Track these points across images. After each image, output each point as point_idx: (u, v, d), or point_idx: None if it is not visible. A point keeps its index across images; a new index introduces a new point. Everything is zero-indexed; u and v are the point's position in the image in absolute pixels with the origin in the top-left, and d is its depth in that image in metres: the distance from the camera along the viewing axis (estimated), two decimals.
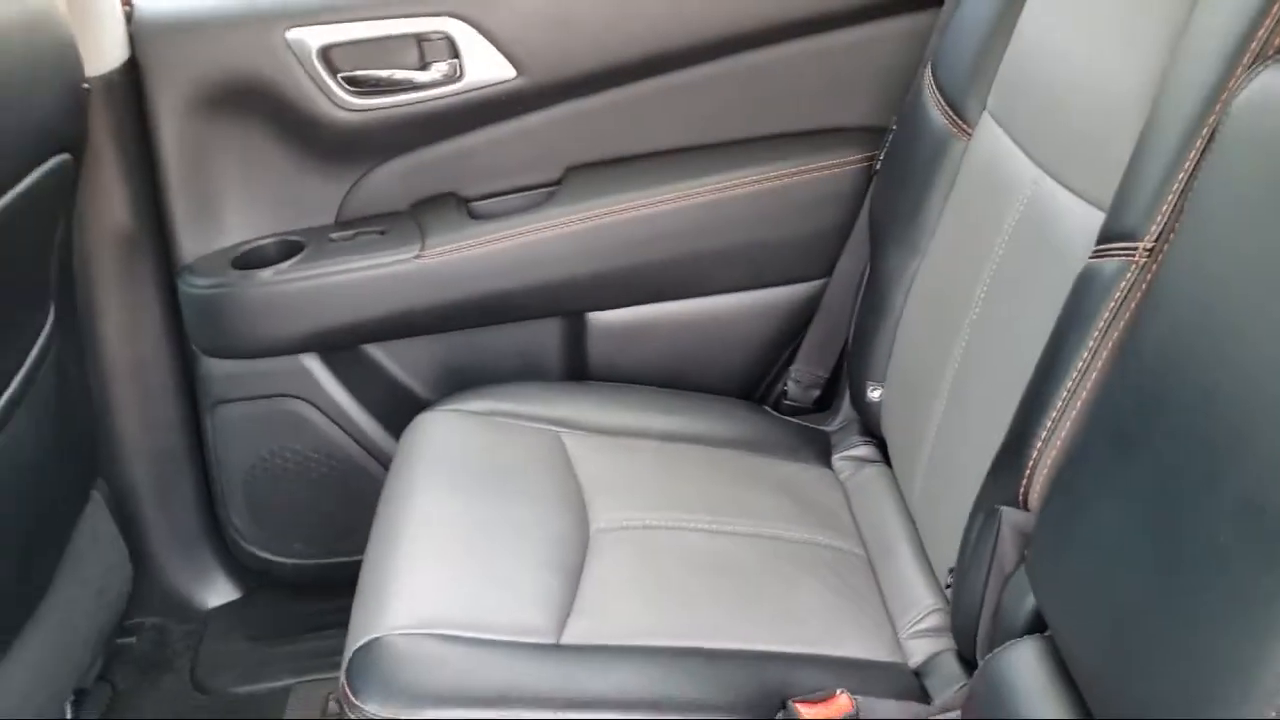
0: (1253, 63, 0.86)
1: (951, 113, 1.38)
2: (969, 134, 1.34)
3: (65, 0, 1.37)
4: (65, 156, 1.30)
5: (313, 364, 1.73)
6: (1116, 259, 0.94)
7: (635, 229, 1.66)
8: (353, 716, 1.07)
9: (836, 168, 1.63)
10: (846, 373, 1.58)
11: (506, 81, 1.61)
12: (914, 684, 1.16)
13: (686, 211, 1.65)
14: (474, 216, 1.68)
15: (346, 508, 1.76)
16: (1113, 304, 0.93)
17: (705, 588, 1.23)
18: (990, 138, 1.29)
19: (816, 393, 1.76)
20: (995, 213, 1.21)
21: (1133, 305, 0.91)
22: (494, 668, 1.10)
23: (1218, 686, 0.68)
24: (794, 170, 1.64)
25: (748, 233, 1.67)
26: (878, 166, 1.58)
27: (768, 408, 1.69)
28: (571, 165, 1.69)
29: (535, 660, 1.12)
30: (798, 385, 1.75)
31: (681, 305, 1.73)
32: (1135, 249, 0.92)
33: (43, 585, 1.45)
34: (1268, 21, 0.86)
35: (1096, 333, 0.94)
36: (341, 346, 1.72)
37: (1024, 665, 0.94)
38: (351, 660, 1.12)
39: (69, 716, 1.64)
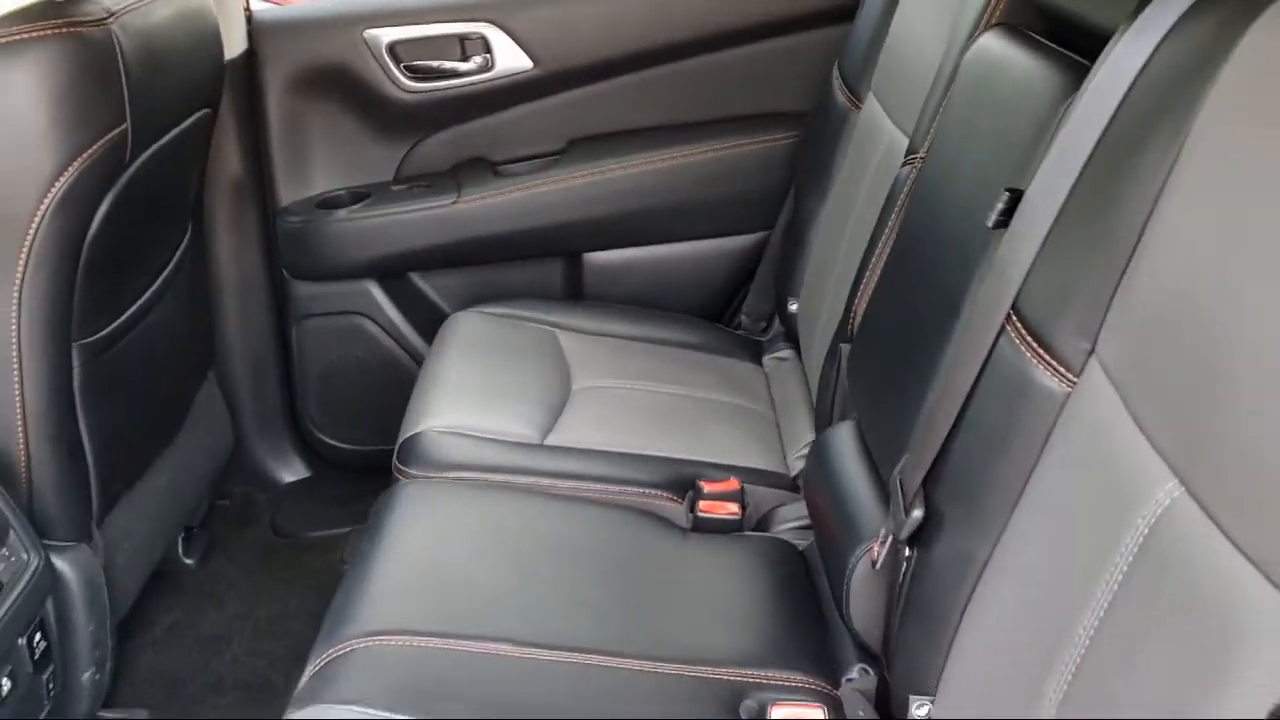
0: (973, 30, 1.36)
1: (849, 92, 1.88)
2: (859, 107, 1.84)
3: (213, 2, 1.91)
4: (208, 110, 1.84)
5: (372, 288, 2.25)
6: (909, 166, 1.44)
7: (620, 186, 2.17)
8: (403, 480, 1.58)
9: (771, 141, 2.14)
10: (774, 291, 2.07)
11: (526, 72, 2.14)
12: (790, 484, 1.64)
13: (658, 173, 2.16)
14: (498, 175, 2.20)
15: (396, 404, 2.27)
16: (904, 191, 1.42)
17: (646, 422, 1.72)
18: (871, 108, 1.79)
19: (764, 324, 2.23)
20: (870, 162, 1.71)
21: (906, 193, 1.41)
22: (497, 451, 1.61)
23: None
24: (739, 143, 2.15)
25: (705, 191, 2.17)
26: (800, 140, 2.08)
27: (718, 325, 2.18)
28: (573, 138, 2.21)
29: (523, 451, 1.62)
30: (749, 318, 2.24)
31: (657, 249, 2.24)
32: (915, 158, 1.42)
33: (172, 430, 1.96)
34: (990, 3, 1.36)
35: (893, 217, 1.44)
36: (394, 273, 2.24)
37: (840, 436, 1.42)
38: (401, 446, 1.63)
39: (179, 550, 2.16)
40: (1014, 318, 1.01)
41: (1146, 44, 0.92)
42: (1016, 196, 1.03)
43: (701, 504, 1.53)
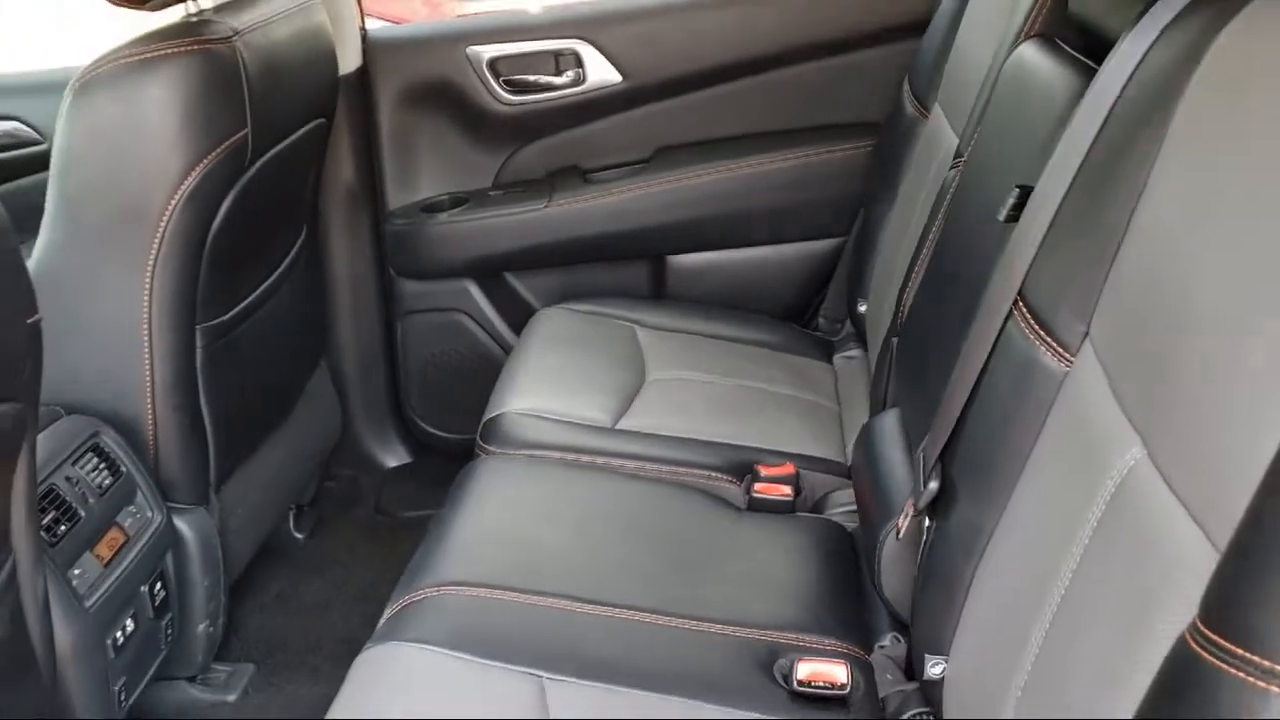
0: (1016, 40, 1.44)
1: (917, 103, 1.96)
2: (926, 116, 1.93)
3: (330, 22, 2.09)
4: (322, 120, 2.02)
5: (471, 286, 2.42)
6: (955, 169, 1.53)
7: (702, 192, 2.29)
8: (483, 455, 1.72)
9: (846, 150, 2.23)
10: (846, 293, 2.15)
11: (615, 85, 2.27)
12: (846, 471, 1.73)
13: (738, 180, 2.27)
14: (588, 181, 2.34)
15: (489, 395, 2.43)
16: (950, 192, 1.51)
17: (712, 411, 1.84)
18: (936, 116, 1.87)
19: (839, 325, 2.32)
20: (931, 168, 1.79)
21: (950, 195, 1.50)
22: (570, 433, 1.74)
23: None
24: (815, 152, 2.25)
25: (783, 197, 2.28)
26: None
27: (794, 325, 2.28)
28: (659, 146, 2.34)
29: (594, 434, 1.75)
30: (825, 320, 2.33)
31: (737, 253, 2.35)
32: (959, 161, 1.51)
33: (285, 412, 2.14)
34: (1032, 12, 1.44)
35: (939, 218, 1.52)
36: (490, 273, 2.40)
37: (884, 422, 1.51)
38: (484, 426, 1.77)
39: (290, 525, 2.35)
40: (1020, 304, 1.10)
41: (1138, 49, 1.00)
42: (1026, 192, 1.12)
43: (757, 486, 1.64)
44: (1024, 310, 1.09)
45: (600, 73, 2.27)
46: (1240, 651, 0.61)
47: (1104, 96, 1.03)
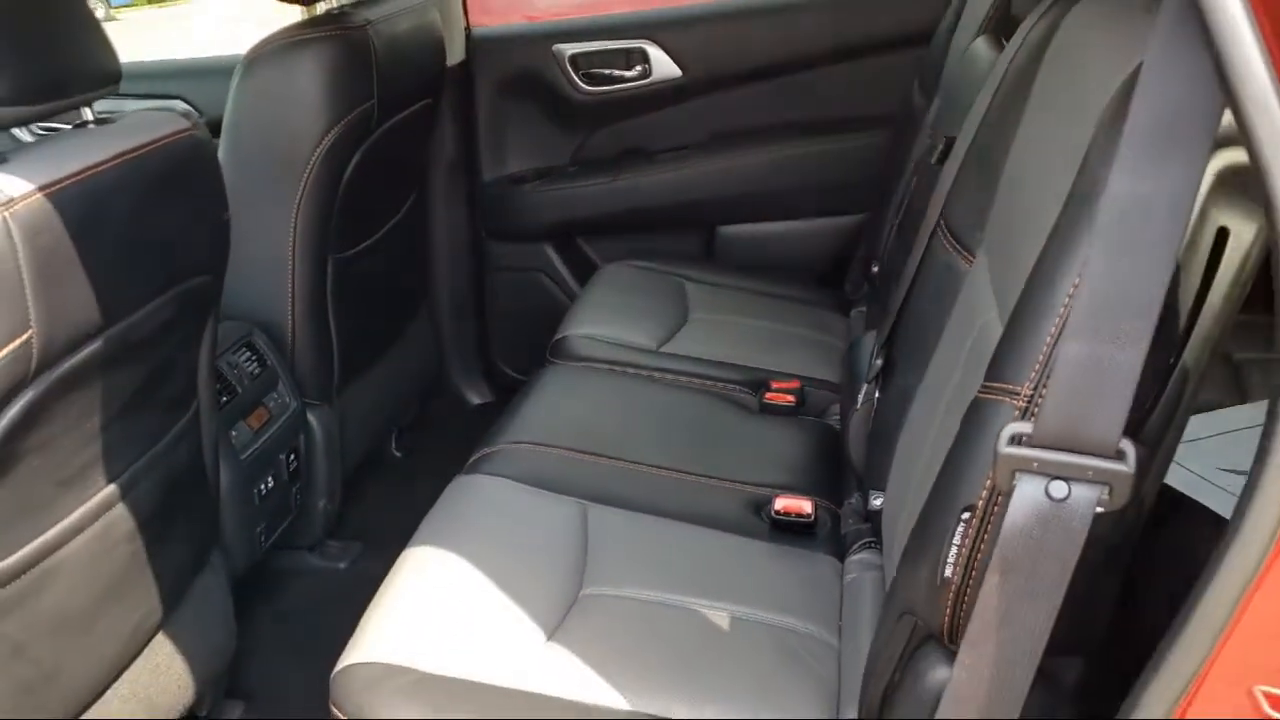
0: (974, 39, 1.81)
1: (925, 97, 2.34)
2: (930, 105, 2.30)
3: (440, 21, 2.54)
4: (430, 100, 2.47)
5: (548, 248, 2.84)
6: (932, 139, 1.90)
7: (749, 172, 2.69)
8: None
9: (868, 138, 2.61)
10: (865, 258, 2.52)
11: (676, 78, 2.69)
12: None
13: (779, 162, 2.67)
14: (651, 161, 2.76)
15: None
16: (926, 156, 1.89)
17: (738, 342, 2.21)
18: (935, 106, 2.24)
19: (863, 289, 2.69)
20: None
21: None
22: (620, 351, 2.14)
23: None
24: (846, 138, 2.63)
25: (817, 177, 2.66)
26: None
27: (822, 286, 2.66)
28: (712, 132, 2.74)
29: (641, 354, 2.15)
30: (851, 285, 2.71)
31: (777, 224, 2.74)
32: (935, 132, 1.88)
33: (391, 342, 2.58)
34: (987, 15, 1.80)
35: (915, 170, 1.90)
36: (565, 237, 2.82)
37: (865, 340, 1.88)
38: (552, 345, 2.19)
39: (392, 445, 2.79)
40: (942, 224, 1.48)
41: (1022, 35, 1.38)
42: (951, 141, 1.50)
43: (767, 394, 2.02)
44: (944, 229, 1.47)
45: (663, 68, 2.69)
46: (989, 384, 0.99)
47: (1000, 69, 1.41)
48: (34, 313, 1.16)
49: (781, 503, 1.64)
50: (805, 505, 1.63)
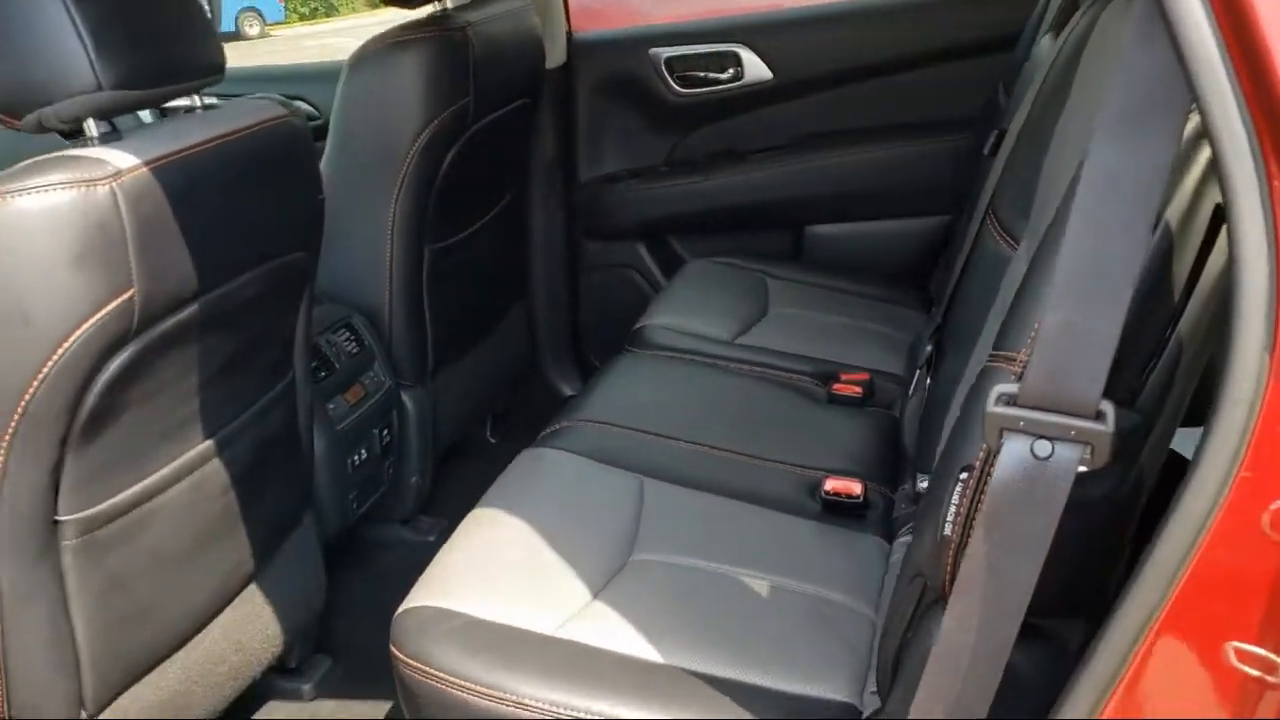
0: (1039, 38, 1.83)
1: (1009, 101, 2.35)
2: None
3: (540, 25, 2.66)
4: (528, 101, 2.59)
5: (640, 247, 2.94)
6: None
7: (837, 173, 2.74)
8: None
9: (953, 140, 2.63)
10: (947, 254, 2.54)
11: (767, 81, 2.75)
12: None
13: (866, 163, 2.71)
14: (741, 161, 2.83)
15: None
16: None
17: (812, 336, 2.27)
18: None
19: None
20: None
21: None
22: (694, 341, 2.22)
23: None
24: (932, 140, 2.66)
25: (904, 178, 2.70)
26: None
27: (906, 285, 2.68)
28: (802, 133, 2.80)
29: (714, 344, 2.22)
30: (935, 284, 2.73)
31: (865, 225, 2.78)
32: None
33: (485, 332, 2.70)
34: (1050, 13, 1.83)
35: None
36: (657, 235, 2.91)
37: (926, 333, 1.92)
38: (631, 334, 2.28)
39: (486, 430, 2.92)
40: (991, 213, 1.52)
41: (1070, 27, 1.42)
42: (1001, 134, 1.54)
43: (835, 385, 2.07)
44: (993, 217, 1.51)
45: (755, 71, 2.76)
46: (994, 352, 1.04)
47: (1047, 63, 1.44)
48: (136, 274, 1.30)
49: (832, 484, 1.69)
50: (855, 487, 1.68)
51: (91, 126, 1.36)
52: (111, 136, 1.38)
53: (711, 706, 1.28)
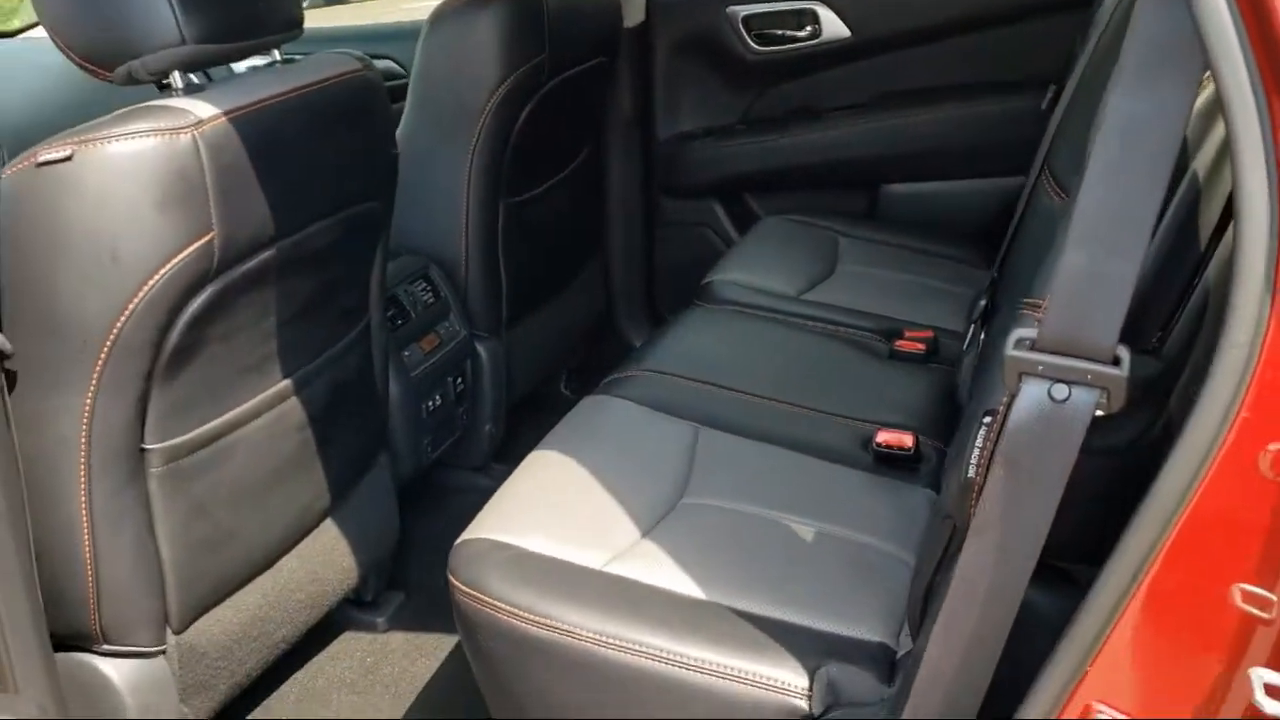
0: None
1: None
2: None
3: None
4: (604, 59, 2.63)
5: (716, 205, 2.97)
6: None
7: (913, 132, 2.73)
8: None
9: (1031, 99, 2.59)
10: None
11: (844, 39, 2.75)
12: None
13: (943, 122, 2.70)
14: (817, 119, 2.83)
15: None
16: None
17: (877, 293, 2.28)
18: None
19: None
20: None
21: None
22: (761, 296, 2.25)
23: None
24: (1009, 100, 2.63)
25: (981, 138, 2.67)
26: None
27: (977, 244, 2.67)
28: (878, 92, 2.79)
29: (780, 299, 2.25)
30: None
31: (941, 184, 2.77)
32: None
33: (560, 287, 2.76)
34: None
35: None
36: (733, 193, 2.94)
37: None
38: (700, 288, 2.32)
39: (561, 385, 3.00)
40: (1046, 168, 1.52)
41: None
42: (1060, 89, 1.53)
43: (898, 342, 2.09)
44: (1048, 173, 1.51)
45: (833, 29, 2.76)
46: (1024, 300, 1.06)
47: (1105, 15, 1.44)
48: (215, 217, 1.39)
49: (884, 436, 1.71)
50: (907, 439, 1.70)
51: (177, 78, 1.44)
52: (196, 88, 1.47)
53: (750, 641, 1.33)
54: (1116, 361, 0.94)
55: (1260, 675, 0.77)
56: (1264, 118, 0.76)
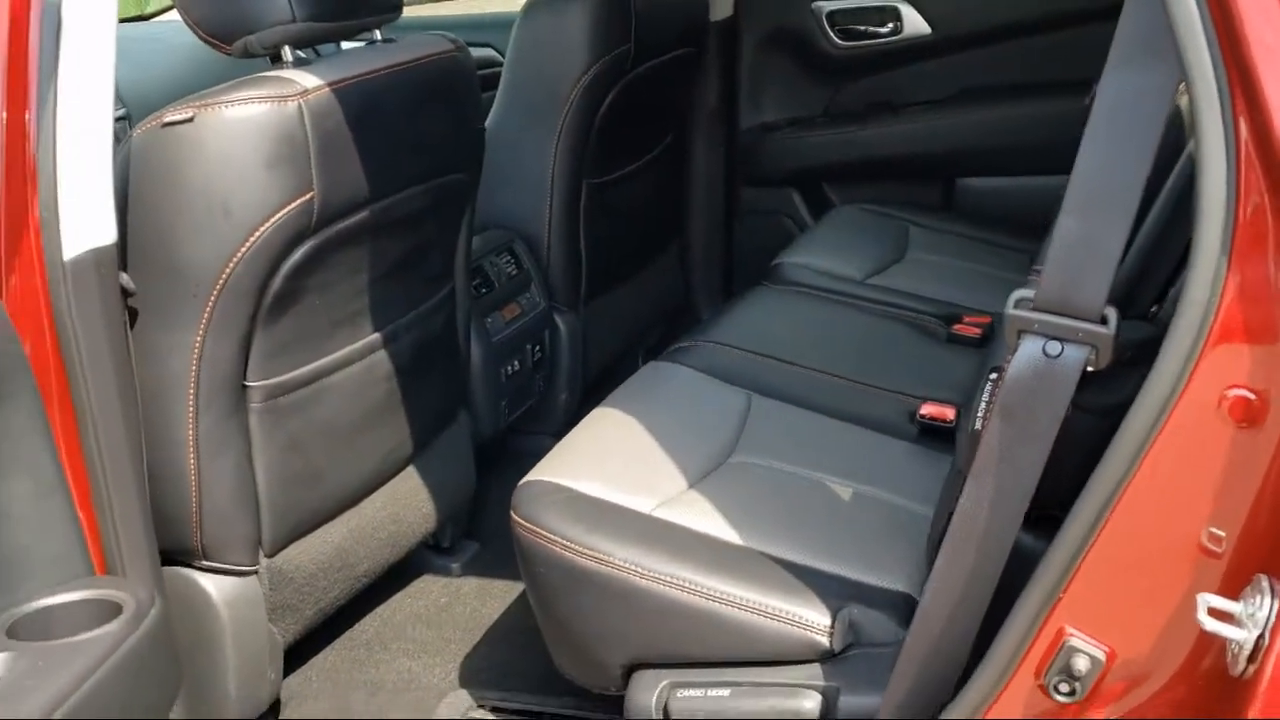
0: None
1: None
2: None
3: None
4: (692, 49, 2.75)
5: (794, 195, 3.07)
6: None
7: (991, 126, 2.81)
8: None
9: None
10: None
11: (925, 36, 2.83)
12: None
13: (1020, 119, 2.77)
14: (897, 113, 2.92)
15: None
16: None
17: (940, 281, 2.36)
18: None
19: None
20: None
21: None
22: (827, 279, 2.35)
23: None
24: (1078, 98, 2.66)
25: (1058, 134, 2.68)
26: None
27: None
28: (959, 88, 2.86)
29: (846, 283, 2.35)
30: None
31: (1017, 180, 2.83)
32: None
33: (638, 267, 2.88)
34: None
35: None
36: (812, 183, 3.04)
37: None
38: (770, 269, 2.43)
39: (639, 363, 3.12)
40: None
41: None
42: None
43: (955, 325, 2.17)
44: None
45: (914, 25, 2.84)
46: (1034, 267, 1.15)
47: None
48: (316, 178, 1.55)
49: (928, 408, 1.80)
50: (949, 412, 1.79)
51: (287, 52, 1.61)
52: (304, 62, 1.63)
53: (779, 582, 1.44)
54: (1104, 321, 1.03)
55: (1205, 600, 0.85)
56: (1224, 96, 0.85)
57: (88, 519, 1.34)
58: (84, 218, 1.33)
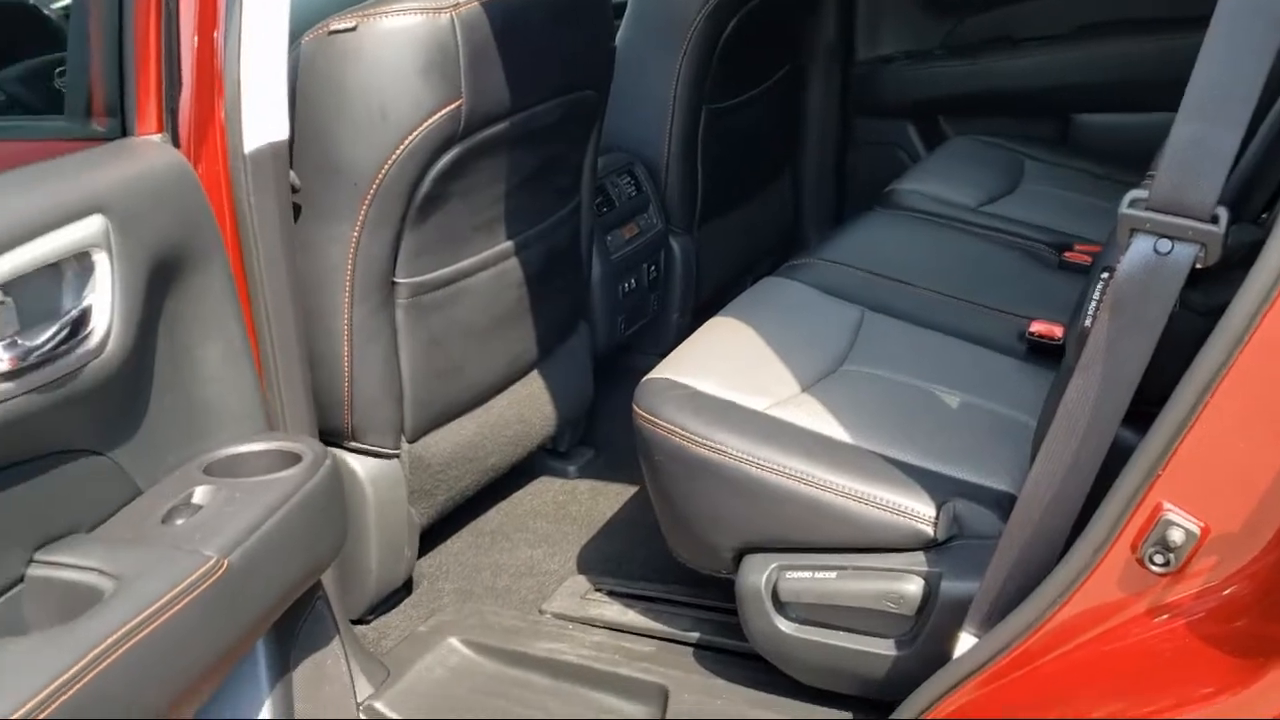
0: None
1: None
2: None
3: None
4: None
5: (909, 127, 3.10)
6: None
7: (1109, 62, 2.81)
8: None
9: None
10: None
11: None
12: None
13: (1140, 55, 2.77)
14: (1014, 46, 2.93)
15: None
16: None
17: (1055, 211, 2.39)
18: None
19: None
20: None
21: None
22: (941, 206, 2.40)
23: None
24: (1195, 34, 2.65)
25: (1176, 71, 2.67)
26: None
27: None
28: (1078, 24, 2.86)
29: (961, 210, 2.40)
30: None
31: (1135, 116, 2.82)
32: None
33: (752, 195, 2.95)
34: None
35: None
36: (927, 115, 3.06)
37: None
38: (884, 194, 2.49)
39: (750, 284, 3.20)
40: None
41: None
42: None
43: (1067, 253, 2.21)
44: None
45: None
46: (1148, 173, 1.21)
47: None
48: (465, 87, 1.67)
49: (1037, 326, 1.86)
50: (1058, 330, 1.85)
51: None
52: None
53: (886, 475, 1.54)
54: (1215, 220, 1.09)
55: None
56: None
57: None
58: (262, 116, 1.46)
